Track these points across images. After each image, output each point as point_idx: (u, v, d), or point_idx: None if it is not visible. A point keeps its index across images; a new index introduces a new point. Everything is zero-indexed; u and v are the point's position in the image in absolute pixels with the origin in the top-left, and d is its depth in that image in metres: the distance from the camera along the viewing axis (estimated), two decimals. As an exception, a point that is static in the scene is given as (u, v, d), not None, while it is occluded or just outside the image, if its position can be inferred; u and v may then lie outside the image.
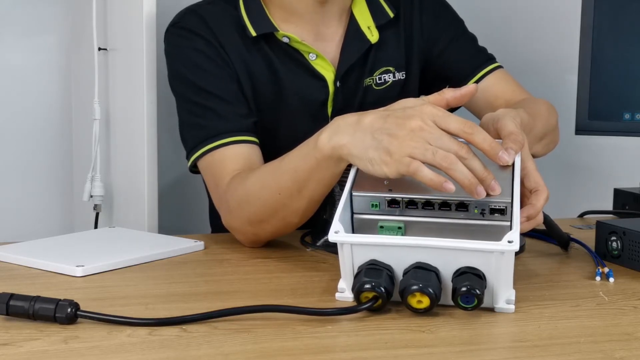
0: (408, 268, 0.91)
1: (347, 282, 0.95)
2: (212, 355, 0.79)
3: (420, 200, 0.97)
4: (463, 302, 0.89)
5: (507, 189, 0.96)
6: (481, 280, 0.89)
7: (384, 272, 0.91)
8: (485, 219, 0.96)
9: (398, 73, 1.46)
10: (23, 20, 1.84)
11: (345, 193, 0.98)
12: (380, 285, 0.89)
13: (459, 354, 0.80)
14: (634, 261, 1.12)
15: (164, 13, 1.63)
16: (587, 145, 2.05)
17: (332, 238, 0.92)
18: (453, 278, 0.90)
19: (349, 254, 0.93)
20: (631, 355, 0.80)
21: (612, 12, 1.47)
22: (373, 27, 1.43)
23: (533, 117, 1.22)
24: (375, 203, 0.98)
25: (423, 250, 0.91)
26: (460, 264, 0.91)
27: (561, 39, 2.02)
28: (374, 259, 0.92)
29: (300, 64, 1.39)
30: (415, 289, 0.88)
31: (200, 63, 1.35)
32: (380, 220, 0.98)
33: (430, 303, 0.89)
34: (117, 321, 0.86)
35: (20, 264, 1.11)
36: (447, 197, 0.96)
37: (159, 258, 1.15)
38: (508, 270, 0.91)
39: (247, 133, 1.31)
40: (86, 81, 1.68)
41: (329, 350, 0.81)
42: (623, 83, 1.49)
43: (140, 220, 1.57)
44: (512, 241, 0.89)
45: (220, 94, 1.33)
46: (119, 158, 1.66)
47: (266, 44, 1.38)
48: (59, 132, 1.88)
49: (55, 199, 1.90)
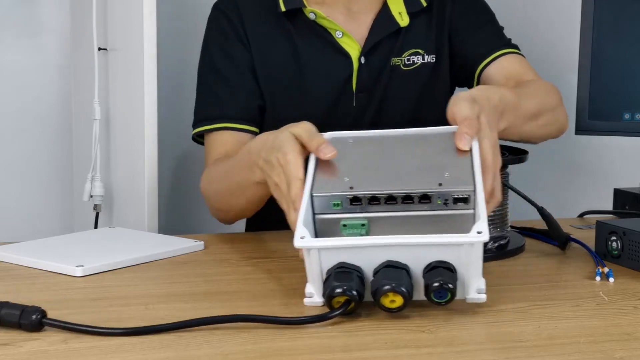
0: (378, 268, 0.89)
1: (315, 286, 0.92)
2: (212, 355, 0.79)
3: (382, 195, 0.96)
4: (436, 297, 0.88)
5: (469, 177, 0.95)
6: (452, 274, 0.88)
7: (354, 274, 0.89)
8: (449, 209, 0.95)
9: (428, 56, 1.47)
10: (23, 20, 1.84)
11: (306, 195, 0.96)
12: (352, 289, 0.87)
13: (459, 354, 0.80)
14: (634, 261, 1.12)
15: (164, 13, 1.64)
16: (587, 145, 2.05)
17: (297, 244, 0.90)
18: (424, 274, 0.89)
19: (316, 258, 0.90)
20: (631, 355, 0.80)
21: (612, 12, 1.47)
22: (404, 13, 1.46)
23: (522, 96, 1.22)
24: (337, 202, 0.97)
25: (392, 248, 0.89)
26: (430, 258, 0.89)
27: (561, 39, 2.02)
28: (342, 261, 0.90)
29: (325, 41, 1.44)
30: (387, 289, 0.86)
31: (221, 43, 1.46)
32: (342, 219, 0.97)
33: (404, 302, 0.87)
34: (84, 330, 0.83)
35: (20, 264, 1.11)
36: (410, 190, 0.95)
37: (159, 258, 1.15)
38: (478, 261, 0.90)
39: (242, 121, 1.42)
40: (86, 81, 1.68)
41: (329, 350, 0.81)
42: (623, 83, 1.49)
43: (140, 220, 1.57)
44: (481, 232, 0.88)
45: (229, 75, 1.44)
46: (119, 158, 1.66)
47: (293, 22, 1.45)
48: (59, 132, 1.88)
49: (55, 199, 1.90)
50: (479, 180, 0.95)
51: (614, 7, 1.48)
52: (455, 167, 0.97)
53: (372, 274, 0.90)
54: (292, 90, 1.45)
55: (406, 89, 1.47)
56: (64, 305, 0.94)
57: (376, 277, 0.89)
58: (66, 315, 0.90)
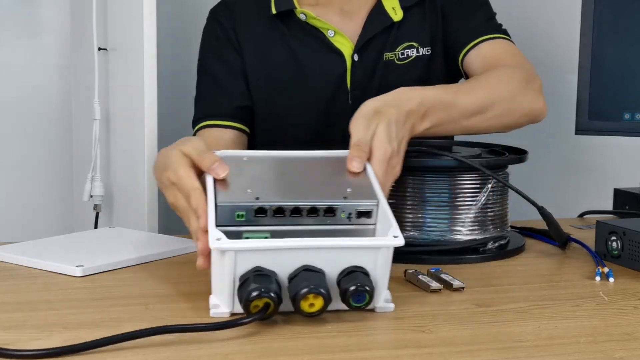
0: (294, 273, 0.87)
1: (223, 295, 0.88)
2: (212, 355, 0.79)
3: (288, 207, 0.94)
4: (355, 301, 0.87)
5: (372, 192, 0.97)
6: (368, 277, 0.88)
7: (272, 277, 0.86)
8: (352, 223, 0.96)
9: (422, 49, 1.47)
10: (23, 20, 1.84)
11: (211, 201, 0.93)
12: (270, 291, 0.84)
13: (459, 354, 0.80)
14: (634, 261, 1.12)
15: (164, 13, 1.64)
16: (587, 145, 2.05)
17: (214, 245, 0.86)
18: (340, 279, 0.88)
19: (231, 262, 0.86)
20: (631, 355, 0.80)
21: (612, 12, 1.47)
22: (398, 7, 1.46)
23: (462, 92, 1.21)
24: (241, 213, 0.93)
25: (308, 252, 0.88)
26: (346, 263, 0.88)
27: (561, 39, 2.02)
28: (258, 265, 0.87)
29: (318, 40, 1.46)
30: (306, 292, 0.84)
31: (214, 47, 1.50)
32: (245, 232, 0.94)
33: (324, 303, 0.85)
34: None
35: (20, 264, 1.11)
36: (316, 203, 0.95)
37: (159, 258, 1.15)
38: (388, 267, 0.90)
39: (231, 119, 1.45)
40: (86, 81, 1.68)
41: (329, 350, 0.81)
42: (623, 83, 1.49)
43: (140, 220, 1.57)
44: (397, 236, 0.89)
45: (222, 78, 1.47)
46: (119, 158, 1.66)
47: (286, 24, 1.47)
48: (59, 132, 1.88)
49: (55, 199, 1.90)
50: (380, 195, 0.96)
51: (614, 7, 1.48)
52: (357, 183, 0.98)
53: (287, 280, 0.87)
54: (292, 89, 1.47)
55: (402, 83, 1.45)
56: (64, 305, 0.94)
57: (294, 280, 0.86)
58: (66, 315, 0.90)
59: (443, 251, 1.15)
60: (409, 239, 1.16)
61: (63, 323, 0.87)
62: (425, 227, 1.16)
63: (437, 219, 1.16)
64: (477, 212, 1.16)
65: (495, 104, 1.26)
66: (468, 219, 1.17)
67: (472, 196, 1.17)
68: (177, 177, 0.98)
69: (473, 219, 1.16)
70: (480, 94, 1.25)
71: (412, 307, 0.93)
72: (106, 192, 1.67)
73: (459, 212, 1.16)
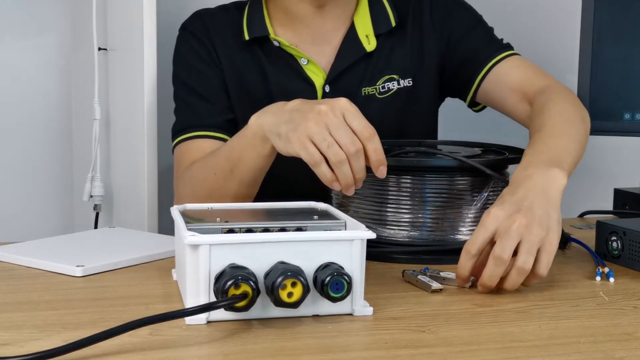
0: (270, 269, 0.87)
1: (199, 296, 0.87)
2: (212, 355, 0.79)
3: (258, 228, 0.95)
4: (333, 291, 0.86)
5: (339, 215, 1.00)
6: (344, 269, 0.88)
7: (248, 269, 0.86)
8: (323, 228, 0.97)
9: (403, 80, 1.45)
10: (23, 20, 1.85)
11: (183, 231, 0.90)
12: (248, 279, 0.84)
13: (459, 354, 0.80)
14: (634, 261, 1.12)
15: (164, 13, 1.64)
16: (587, 145, 2.05)
17: (188, 241, 0.86)
18: (316, 275, 0.88)
19: (205, 258, 0.86)
20: (631, 355, 0.80)
21: (612, 12, 1.47)
22: (372, 36, 1.44)
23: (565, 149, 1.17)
24: None
25: (283, 248, 0.88)
26: (320, 260, 0.88)
27: (561, 39, 2.02)
28: (232, 262, 0.87)
29: (291, 67, 1.44)
30: (283, 279, 0.84)
31: (191, 62, 1.47)
32: None
33: (303, 291, 0.85)
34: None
35: (20, 264, 1.11)
36: (285, 224, 0.96)
37: (159, 258, 1.15)
38: (361, 263, 0.90)
39: (217, 129, 1.41)
40: (86, 81, 1.68)
41: (329, 350, 0.81)
42: (623, 83, 1.49)
43: (140, 220, 1.57)
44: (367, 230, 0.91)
45: (202, 91, 1.45)
46: (119, 158, 1.66)
47: (260, 48, 1.45)
48: (59, 132, 1.88)
49: (55, 199, 1.90)
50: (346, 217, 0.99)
51: (614, 7, 1.48)
52: (323, 213, 1.02)
53: (263, 277, 0.87)
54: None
55: (384, 115, 1.44)
56: (64, 305, 0.94)
57: (270, 274, 0.86)
58: (66, 315, 0.90)
59: (443, 251, 1.15)
60: (409, 239, 1.16)
61: (63, 323, 0.87)
62: (425, 227, 1.16)
63: (437, 219, 1.16)
64: (477, 212, 1.16)
65: (582, 133, 1.26)
66: (468, 219, 1.17)
67: (472, 196, 1.17)
68: (354, 107, 1.03)
69: (473, 219, 1.17)
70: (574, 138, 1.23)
71: (412, 307, 0.93)
72: (106, 192, 1.67)
73: (459, 212, 1.16)
